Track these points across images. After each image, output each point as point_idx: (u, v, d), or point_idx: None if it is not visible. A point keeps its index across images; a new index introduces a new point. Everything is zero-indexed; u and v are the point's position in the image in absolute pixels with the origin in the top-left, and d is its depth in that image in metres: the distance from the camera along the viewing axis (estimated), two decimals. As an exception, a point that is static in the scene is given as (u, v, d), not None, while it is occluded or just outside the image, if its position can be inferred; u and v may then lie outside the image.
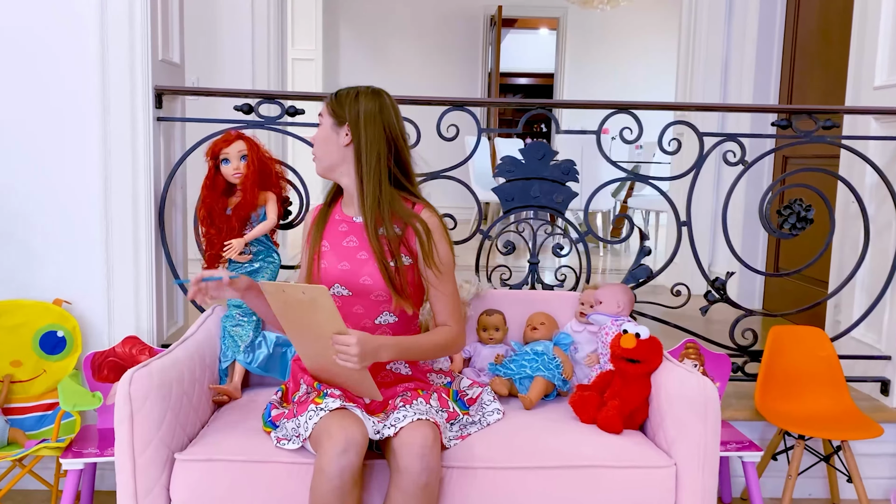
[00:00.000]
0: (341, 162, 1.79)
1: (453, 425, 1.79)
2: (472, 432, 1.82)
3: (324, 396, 1.67)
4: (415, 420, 1.60)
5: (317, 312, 1.59)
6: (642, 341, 1.88)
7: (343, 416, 1.58)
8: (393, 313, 1.82)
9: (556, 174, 2.41)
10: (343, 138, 1.78)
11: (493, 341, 2.20)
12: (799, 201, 2.42)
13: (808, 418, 2.29)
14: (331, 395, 1.68)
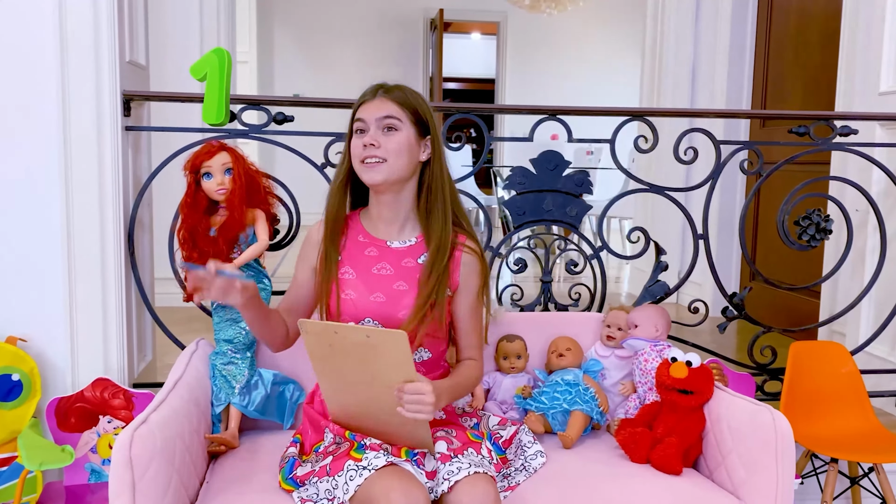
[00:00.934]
0: (410, 177, 1.57)
1: (499, 476, 1.59)
2: (521, 481, 1.62)
3: (361, 450, 1.44)
4: (472, 473, 1.39)
5: (380, 358, 1.38)
6: (694, 370, 1.72)
7: (401, 477, 1.35)
8: (428, 349, 1.60)
9: (569, 186, 2.24)
10: (423, 153, 1.59)
11: (515, 370, 2.01)
12: (817, 211, 2.32)
13: (836, 439, 2.18)
14: (370, 447, 1.45)
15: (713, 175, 2.30)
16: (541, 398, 1.88)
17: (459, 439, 1.54)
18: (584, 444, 1.83)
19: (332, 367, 1.45)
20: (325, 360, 1.45)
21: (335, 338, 1.41)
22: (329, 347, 1.43)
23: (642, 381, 1.90)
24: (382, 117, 1.55)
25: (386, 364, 1.39)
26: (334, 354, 1.43)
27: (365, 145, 1.55)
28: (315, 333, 1.43)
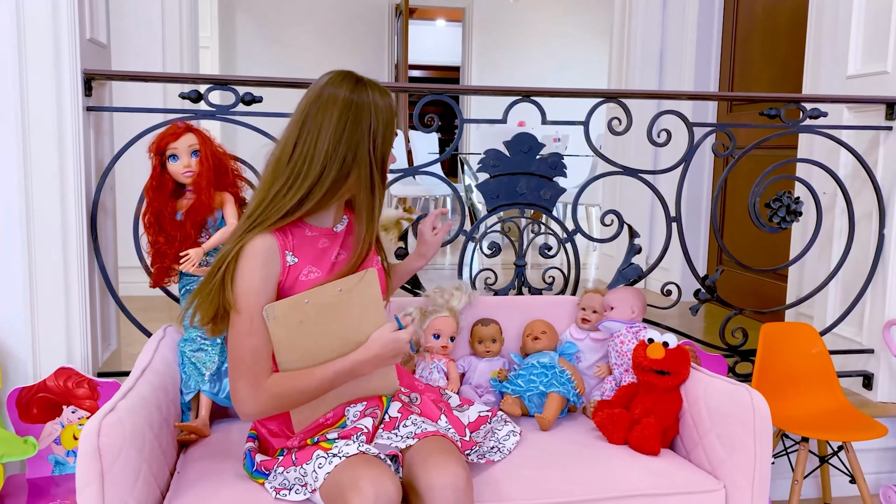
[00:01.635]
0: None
1: (469, 455, 1.57)
2: (496, 459, 1.60)
3: (332, 441, 1.41)
4: (439, 437, 1.43)
5: (353, 308, 1.43)
6: (671, 351, 1.72)
7: (369, 464, 1.33)
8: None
9: (543, 169, 2.22)
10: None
11: (490, 354, 1.99)
12: (788, 194, 2.34)
13: (807, 419, 2.21)
14: (342, 435, 1.43)
15: (686, 157, 2.30)
16: (517, 381, 1.86)
17: (422, 405, 1.57)
18: (561, 426, 1.82)
19: (301, 345, 1.43)
20: (294, 341, 1.42)
21: (306, 308, 1.40)
22: (299, 325, 1.41)
23: (618, 362, 1.90)
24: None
25: (360, 311, 1.43)
26: (304, 329, 1.41)
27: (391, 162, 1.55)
28: (284, 315, 1.40)
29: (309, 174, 1.42)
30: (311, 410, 1.48)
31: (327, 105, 1.43)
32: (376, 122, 1.45)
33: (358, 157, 1.43)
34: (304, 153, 1.42)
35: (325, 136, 1.41)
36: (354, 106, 1.43)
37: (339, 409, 1.50)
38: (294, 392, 1.42)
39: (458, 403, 1.75)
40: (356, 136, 1.42)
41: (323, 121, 1.42)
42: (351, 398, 1.51)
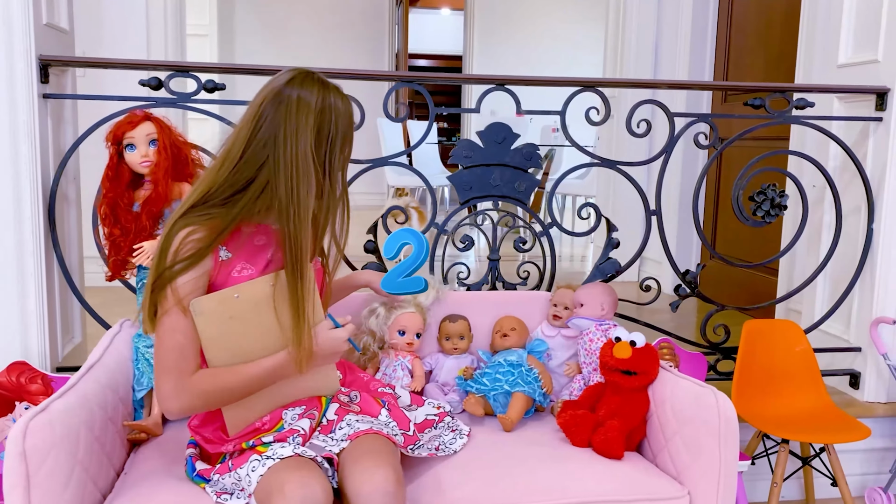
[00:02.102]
0: None
1: (413, 450, 1.52)
2: (439, 455, 1.56)
3: (268, 444, 1.36)
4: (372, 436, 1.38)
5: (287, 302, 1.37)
6: (638, 350, 1.65)
7: (299, 467, 1.28)
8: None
9: (518, 160, 2.15)
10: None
11: (458, 351, 1.93)
12: (772, 187, 2.26)
13: (788, 419, 2.14)
14: (277, 438, 1.37)
15: (667, 148, 2.22)
16: (482, 380, 1.80)
17: (362, 402, 1.51)
18: (525, 427, 1.76)
19: (232, 342, 1.37)
20: (224, 338, 1.37)
21: (236, 304, 1.35)
22: (229, 321, 1.36)
23: (587, 361, 1.83)
24: None
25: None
26: (235, 325, 1.36)
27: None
28: (212, 311, 1.34)
29: (258, 173, 1.37)
30: (246, 412, 1.42)
31: (286, 105, 1.36)
32: (335, 127, 1.39)
33: (311, 161, 1.37)
34: (255, 153, 1.36)
35: (280, 136, 1.35)
36: (314, 109, 1.37)
37: (276, 413, 1.45)
38: (220, 390, 1.36)
39: (408, 404, 1.69)
40: (312, 140, 1.37)
41: (279, 121, 1.36)
42: (289, 400, 1.46)
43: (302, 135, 1.35)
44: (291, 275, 1.36)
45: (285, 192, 1.35)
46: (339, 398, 1.50)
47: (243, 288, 1.38)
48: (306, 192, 1.36)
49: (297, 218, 1.35)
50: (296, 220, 1.35)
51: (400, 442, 1.46)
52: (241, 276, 1.41)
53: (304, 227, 1.35)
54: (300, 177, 1.35)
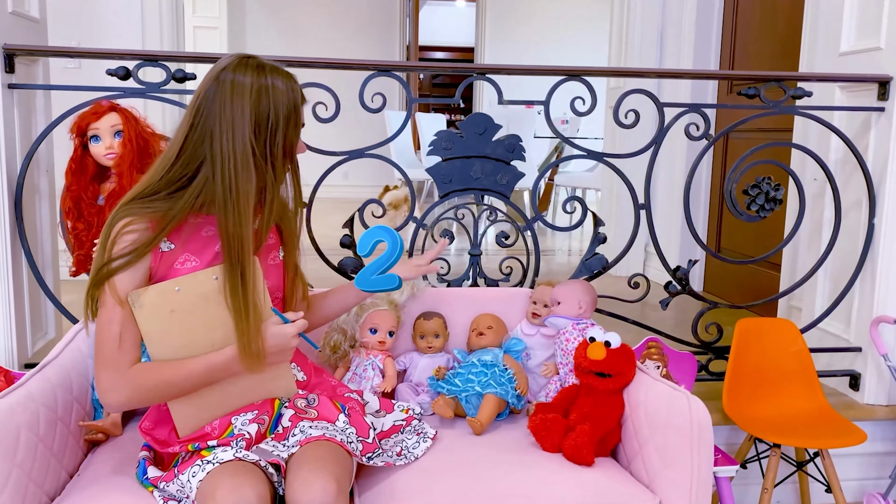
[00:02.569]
0: None
1: (371, 459, 1.45)
2: (399, 464, 1.49)
3: (212, 448, 1.31)
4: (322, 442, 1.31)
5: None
6: (613, 351, 1.58)
7: (235, 472, 1.22)
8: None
9: (499, 152, 2.07)
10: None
11: (433, 350, 1.86)
12: (767, 180, 2.17)
13: (781, 423, 2.05)
14: (223, 442, 1.32)
15: (655, 140, 2.14)
16: (454, 380, 1.74)
17: (320, 406, 1.43)
18: (496, 431, 1.69)
19: (175, 336, 1.32)
20: (166, 332, 1.31)
21: (176, 297, 1.30)
22: (170, 314, 1.30)
23: (563, 361, 1.76)
24: None
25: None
26: (176, 319, 1.31)
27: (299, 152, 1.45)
28: (152, 303, 1.29)
29: (198, 169, 1.32)
30: (196, 411, 1.37)
31: (221, 92, 1.31)
32: (274, 111, 1.33)
33: (249, 150, 1.31)
34: (194, 148, 1.32)
35: (216, 128, 1.30)
36: (252, 91, 1.31)
37: (226, 420, 1.39)
38: (159, 384, 1.31)
39: (377, 409, 1.63)
40: (250, 128, 1.30)
41: (216, 111, 1.30)
42: (243, 401, 1.41)
43: (238, 123, 1.29)
44: (230, 269, 1.30)
45: (223, 186, 1.30)
46: (295, 403, 1.43)
47: (184, 281, 1.32)
48: (246, 183, 1.30)
49: (235, 211, 1.29)
50: (234, 214, 1.29)
51: (357, 450, 1.39)
52: (184, 269, 1.36)
53: (243, 220, 1.30)
54: (238, 168, 1.30)
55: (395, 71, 1.99)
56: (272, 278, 1.47)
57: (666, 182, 3.81)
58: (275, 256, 1.49)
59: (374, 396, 1.68)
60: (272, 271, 1.48)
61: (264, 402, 1.42)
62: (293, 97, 1.36)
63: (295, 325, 1.34)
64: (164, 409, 1.41)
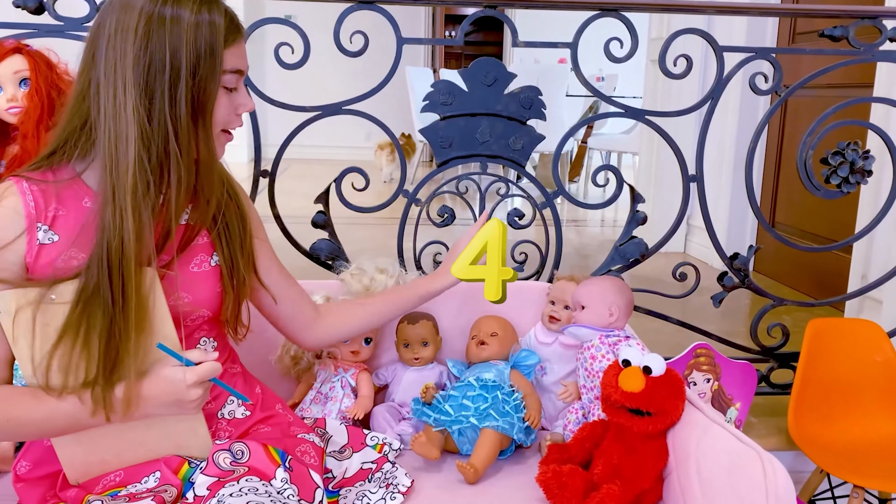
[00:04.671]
0: None
1: None
2: None
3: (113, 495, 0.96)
4: None
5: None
6: (655, 380, 1.16)
7: None
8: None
9: (513, 108, 1.64)
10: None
11: (421, 362, 1.47)
12: (854, 146, 1.71)
13: (863, 453, 1.64)
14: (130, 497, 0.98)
15: (713, 94, 1.69)
16: (443, 406, 1.34)
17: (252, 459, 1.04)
18: (495, 477, 1.28)
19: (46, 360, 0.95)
20: (40, 350, 0.95)
21: (51, 309, 0.94)
22: (44, 328, 0.94)
23: (588, 385, 1.35)
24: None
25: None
26: (50, 338, 0.94)
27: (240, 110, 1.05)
28: (21, 311, 0.95)
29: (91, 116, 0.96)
30: (85, 454, 1.02)
31: (110, 21, 0.94)
32: (173, 51, 0.93)
33: (138, 102, 0.93)
34: (78, 93, 0.98)
35: (103, 68, 0.94)
36: (140, 25, 0.93)
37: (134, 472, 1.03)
38: (11, 420, 0.96)
39: (342, 446, 1.24)
40: (138, 71, 0.93)
41: (102, 45, 0.94)
42: (143, 455, 1.03)
43: (119, 70, 0.93)
44: (95, 282, 0.92)
45: (102, 160, 0.94)
46: (217, 461, 1.04)
47: (62, 289, 0.95)
48: (126, 155, 0.92)
49: (113, 195, 0.92)
50: (112, 199, 0.92)
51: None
52: (70, 268, 0.97)
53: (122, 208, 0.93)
54: (117, 134, 0.92)
55: (380, 3, 1.56)
56: (197, 291, 1.08)
57: (714, 147, 3.32)
58: (202, 261, 1.09)
59: (340, 426, 1.30)
60: (197, 281, 1.08)
61: (170, 460, 1.04)
62: (208, 34, 0.95)
63: (195, 370, 0.95)
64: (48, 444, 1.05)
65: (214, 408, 1.13)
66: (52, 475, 1.07)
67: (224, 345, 1.17)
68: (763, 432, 1.78)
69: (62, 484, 1.06)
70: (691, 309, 2.11)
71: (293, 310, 1.24)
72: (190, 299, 1.07)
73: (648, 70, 3.87)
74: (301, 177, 1.61)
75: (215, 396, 1.11)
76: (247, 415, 1.16)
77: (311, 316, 1.26)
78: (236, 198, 1.14)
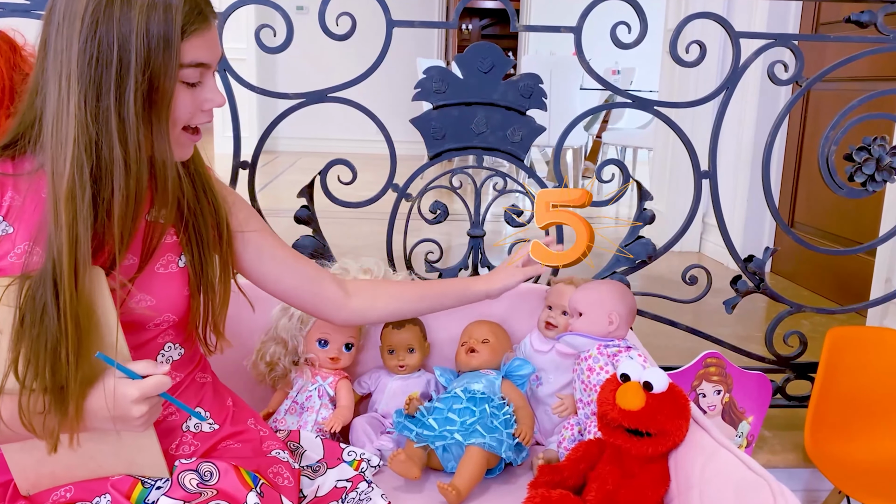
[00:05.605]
0: None
1: None
2: None
3: None
4: None
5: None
6: (656, 398, 1.04)
7: None
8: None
9: (511, 97, 1.53)
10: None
11: (406, 370, 1.36)
12: (880, 141, 1.58)
13: (885, 474, 1.54)
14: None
15: (728, 83, 1.56)
16: (427, 420, 1.23)
17: (222, 482, 0.94)
18: (482, 498, 1.17)
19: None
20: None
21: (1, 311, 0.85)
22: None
23: (585, 399, 1.24)
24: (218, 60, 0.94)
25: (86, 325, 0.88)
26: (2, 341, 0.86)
27: (206, 106, 0.93)
28: None
29: (44, 115, 0.87)
30: (35, 464, 0.94)
31: (68, 2, 0.84)
32: (121, 39, 0.83)
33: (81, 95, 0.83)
34: (32, 81, 0.89)
35: (52, 56, 0.85)
36: (87, 10, 0.82)
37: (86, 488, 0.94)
38: None
39: (316, 461, 1.14)
40: (82, 61, 0.83)
41: (51, 32, 0.85)
42: (94, 471, 0.95)
43: (65, 59, 0.83)
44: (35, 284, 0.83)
45: (49, 153, 0.85)
46: (182, 482, 0.95)
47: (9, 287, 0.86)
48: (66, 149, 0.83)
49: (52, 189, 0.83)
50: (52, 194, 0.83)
51: None
52: (21, 264, 0.88)
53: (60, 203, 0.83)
54: (59, 127, 0.84)
55: None
56: (162, 294, 0.98)
57: (731, 142, 3.19)
58: (169, 262, 1.00)
59: (316, 440, 1.20)
60: (162, 283, 0.99)
61: (121, 482, 0.94)
62: (162, 21, 0.83)
63: (139, 384, 0.85)
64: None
65: (178, 420, 1.04)
66: (3, 485, 0.98)
67: (193, 352, 1.08)
68: (777, 448, 1.67)
69: (13, 494, 0.97)
70: (705, 311, 1.99)
71: (314, 289, 1.15)
72: (153, 302, 0.97)
73: (664, 62, 3.73)
74: (310, 170, 1.51)
75: (178, 408, 1.02)
76: (215, 428, 1.06)
77: (336, 294, 1.16)
78: (212, 196, 1.03)
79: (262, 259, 1.11)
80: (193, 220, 1.00)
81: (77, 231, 0.83)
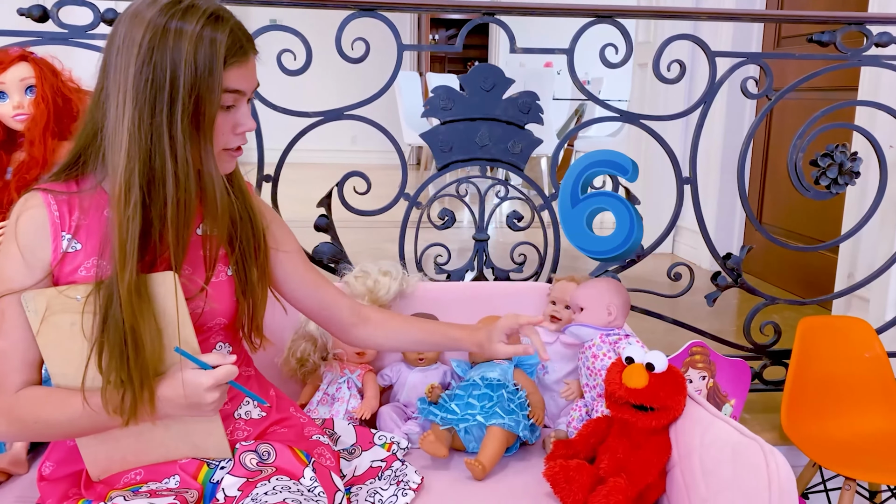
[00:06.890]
0: None
1: None
2: None
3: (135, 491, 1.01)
4: None
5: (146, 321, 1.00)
6: (658, 377, 1.19)
7: None
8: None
9: (511, 113, 1.68)
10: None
11: (425, 362, 1.50)
12: (842, 148, 1.76)
13: (854, 448, 1.68)
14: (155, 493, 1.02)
15: (706, 97, 1.73)
16: (450, 405, 1.36)
17: (279, 460, 1.07)
18: (503, 473, 1.32)
19: (74, 359, 0.98)
20: (66, 349, 0.99)
21: (76, 309, 0.97)
22: (70, 328, 0.98)
23: (590, 383, 1.38)
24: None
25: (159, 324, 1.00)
26: (77, 338, 0.98)
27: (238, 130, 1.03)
28: (50, 310, 0.98)
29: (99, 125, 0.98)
30: (108, 451, 1.05)
31: (120, 34, 0.95)
32: (173, 66, 0.94)
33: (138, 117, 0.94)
34: (94, 103, 0.99)
35: (113, 80, 0.95)
36: (144, 39, 0.93)
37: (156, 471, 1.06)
38: (39, 422, 1.00)
39: (351, 445, 1.26)
40: (137, 86, 0.93)
41: (112, 58, 0.96)
42: (162, 455, 1.06)
43: (122, 84, 0.94)
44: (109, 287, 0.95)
45: (111, 171, 0.96)
46: (243, 461, 1.07)
47: (87, 291, 0.98)
48: (128, 165, 0.94)
49: (118, 206, 0.94)
50: (117, 210, 0.94)
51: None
52: (91, 276, 1.00)
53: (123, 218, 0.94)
54: (119, 147, 0.94)
55: (381, 10, 1.58)
56: (214, 300, 1.10)
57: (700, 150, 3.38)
58: (219, 272, 1.11)
59: (348, 426, 1.32)
60: (214, 291, 1.10)
61: (188, 465, 1.06)
62: (208, 51, 0.94)
63: (212, 374, 0.97)
64: (71, 445, 1.08)
65: (231, 408, 1.15)
66: (75, 474, 1.10)
67: (239, 349, 1.19)
68: (757, 429, 1.82)
69: (86, 481, 1.08)
70: (682, 308, 2.15)
71: (327, 314, 1.24)
72: (209, 308, 1.08)
73: (636, 74, 3.92)
74: (294, 181, 1.64)
75: (232, 397, 1.14)
76: (263, 416, 1.18)
77: (348, 320, 1.24)
78: (251, 212, 1.13)
79: (290, 279, 1.20)
80: (238, 232, 1.11)
81: (126, 233, 0.94)
